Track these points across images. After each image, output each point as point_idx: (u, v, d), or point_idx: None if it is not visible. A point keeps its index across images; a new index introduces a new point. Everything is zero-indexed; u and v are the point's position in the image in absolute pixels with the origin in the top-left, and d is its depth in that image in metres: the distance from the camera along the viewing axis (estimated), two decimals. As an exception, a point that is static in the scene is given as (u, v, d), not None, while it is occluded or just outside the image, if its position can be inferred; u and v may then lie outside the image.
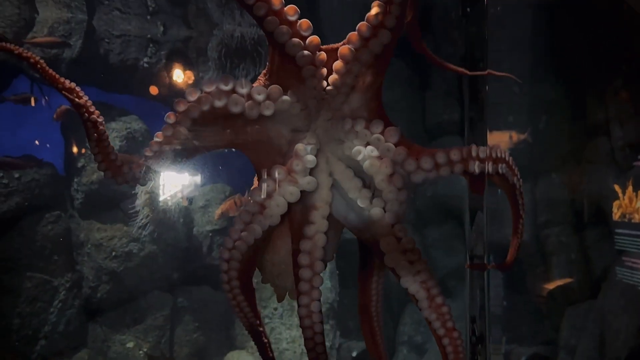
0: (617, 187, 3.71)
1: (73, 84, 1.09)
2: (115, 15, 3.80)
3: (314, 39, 1.02)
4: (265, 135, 1.10)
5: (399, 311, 4.43)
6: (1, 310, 3.53)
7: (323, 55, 1.05)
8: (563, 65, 3.93)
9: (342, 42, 1.06)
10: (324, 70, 1.07)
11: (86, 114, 1.09)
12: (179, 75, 4.00)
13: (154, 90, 3.96)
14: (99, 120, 1.09)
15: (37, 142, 3.76)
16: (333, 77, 1.06)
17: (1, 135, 3.66)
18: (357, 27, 1.01)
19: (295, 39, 1.00)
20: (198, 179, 3.98)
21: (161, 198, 3.75)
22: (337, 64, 1.04)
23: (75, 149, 3.81)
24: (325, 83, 1.08)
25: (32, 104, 3.61)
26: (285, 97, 1.06)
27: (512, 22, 3.53)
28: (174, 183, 3.88)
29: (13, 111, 3.58)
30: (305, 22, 1.01)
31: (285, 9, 0.99)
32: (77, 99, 1.07)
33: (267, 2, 0.97)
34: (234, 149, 1.14)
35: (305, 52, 1.01)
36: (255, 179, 1.17)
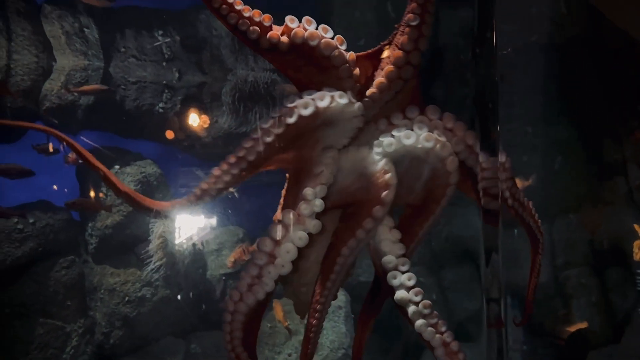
0: (637, 227, 3.66)
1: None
2: (132, 62, 3.89)
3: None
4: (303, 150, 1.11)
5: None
6: (13, 357, 3.50)
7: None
8: (577, 106, 3.94)
9: (370, 51, 1.13)
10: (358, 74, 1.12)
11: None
12: (194, 120, 4.05)
13: (169, 134, 4.01)
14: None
15: (55, 186, 3.79)
16: (372, 91, 1.10)
17: (18, 181, 3.70)
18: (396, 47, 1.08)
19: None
20: (210, 222, 3.98)
21: (174, 242, 3.76)
22: (380, 81, 1.08)
23: (90, 194, 3.84)
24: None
25: (51, 149, 3.67)
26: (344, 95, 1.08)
27: (524, 63, 3.56)
28: (186, 227, 3.89)
29: (29, 156, 3.63)
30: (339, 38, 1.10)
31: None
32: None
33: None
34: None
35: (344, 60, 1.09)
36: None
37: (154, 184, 3.90)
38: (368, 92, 1.12)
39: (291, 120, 1.07)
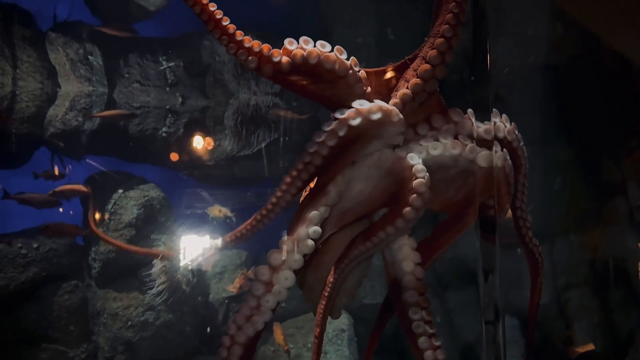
0: None
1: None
2: (135, 88, 3.93)
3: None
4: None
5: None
6: (16, 383, 3.49)
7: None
8: (575, 126, 3.96)
9: (395, 64, 1.17)
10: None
11: None
12: (197, 144, 4.08)
13: (172, 158, 4.04)
14: None
15: (60, 209, 3.80)
16: (394, 101, 1.12)
17: (22, 206, 3.72)
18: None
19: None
20: (214, 244, 3.99)
21: (177, 265, 3.76)
22: (404, 92, 1.11)
23: (94, 218, 3.86)
24: None
25: (57, 173, 3.70)
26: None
27: (522, 84, 3.59)
28: (189, 250, 3.90)
29: (34, 182, 3.66)
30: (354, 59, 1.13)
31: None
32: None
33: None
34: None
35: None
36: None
37: (157, 207, 3.91)
38: (391, 103, 1.14)
39: (342, 132, 1.09)
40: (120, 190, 3.86)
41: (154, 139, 3.98)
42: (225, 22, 1.08)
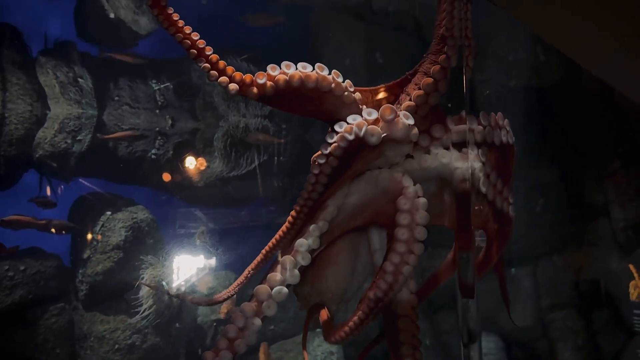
0: (632, 267, 3.67)
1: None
2: (125, 110, 3.95)
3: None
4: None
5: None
6: (1, 407, 3.43)
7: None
8: (558, 149, 4.01)
9: (397, 80, 1.20)
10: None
11: None
12: (186, 166, 4.09)
13: (161, 180, 4.05)
14: None
15: (53, 230, 3.79)
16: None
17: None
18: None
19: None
20: (201, 267, 3.98)
21: (165, 288, 3.74)
22: (408, 104, 1.14)
23: (81, 240, 3.84)
24: None
25: (47, 203, 3.72)
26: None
27: (504, 107, 3.66)
28: (177, 272, 3.89)
29: (21, 203, 3.65)
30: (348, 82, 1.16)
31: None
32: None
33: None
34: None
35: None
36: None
37: (145, 229, 3.90)
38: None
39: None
40: (109, 212, 3.85)
41: (143, 161, 3.99)
42: (209, 51, 1.12)
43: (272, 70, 1.12)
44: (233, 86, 1.10)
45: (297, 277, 1.13)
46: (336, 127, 1.11)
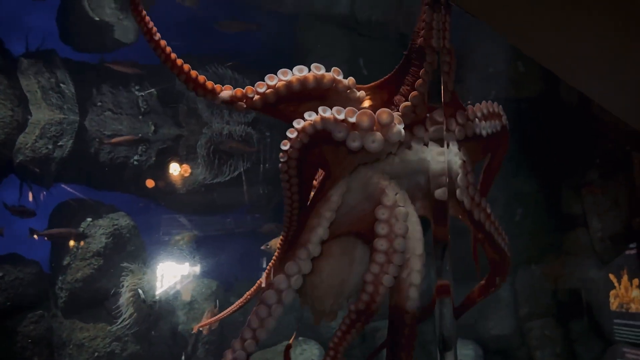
0: (612, 277, 3.70)
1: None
2: (107, 116, 3.93)
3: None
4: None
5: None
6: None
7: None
8: (537, 159, 4.06)
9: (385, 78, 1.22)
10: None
11: None
12: (169, 173, 4.08)
13: (144, 186, 4.03)
14: None
15: (35, 236, 3.75)
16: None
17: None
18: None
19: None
20: (183, 275, 3.96)
21: (146, 296, 3.72)
22: (405, 104, 1.15)
23: (61, 247, 3.81)
24: None
25: (25, 211, 3.69)
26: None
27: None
28: (158, 280, 3.86)
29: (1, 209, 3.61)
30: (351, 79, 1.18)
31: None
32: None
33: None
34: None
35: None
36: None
37: (126, 236, 3.88)
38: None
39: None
40: (89, 219, 3.82)
41: (125, 167, 3.97)
42: (195, 75, 1.14)
43: (270, 79, 1.13)
44: (240, 105, 1.11)
45: (310, 267, 1.12)
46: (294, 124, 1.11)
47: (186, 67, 1.12)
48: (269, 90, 1.12)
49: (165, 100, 4.08)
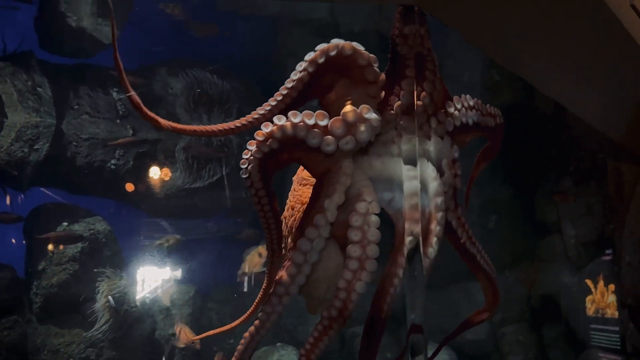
0: (589, 282, 3.74)
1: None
2: (85, 119, 3.90)
3: None
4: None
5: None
6: None
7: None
8: (511, 166, 4.11)
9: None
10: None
11: None
12: (147, 177, 4.06)
13: (122, 190, 4.00)
14: None
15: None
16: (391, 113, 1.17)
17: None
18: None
19: None
20: (160, 280, 3.94)
21: (122, 301, 3.69)
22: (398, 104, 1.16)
23: (36, 251, 3.76)
24: None
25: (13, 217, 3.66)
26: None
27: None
28: (135, 285, 3.84)
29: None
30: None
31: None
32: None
33: None
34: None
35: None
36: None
37: (102, 241, 3.85)
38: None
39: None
40: (65, 223, 3.79)
41: (102, 171, 3.94)
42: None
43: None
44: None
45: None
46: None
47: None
48: (301, 75, 1.11)
49: (144, 103, 4.05)
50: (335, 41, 1.14)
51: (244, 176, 1.12)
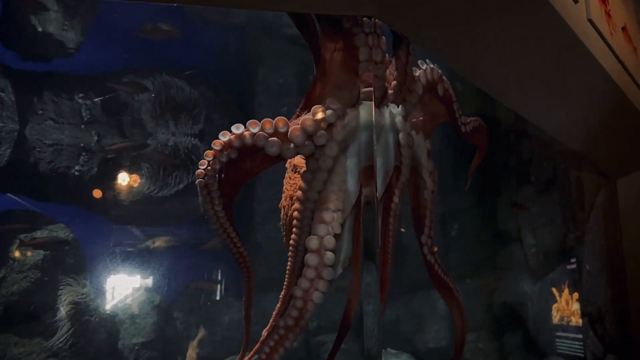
0: (554, 291, 3.78)
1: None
2: (49, 125, 3.85)
3: None
4: None
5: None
6: None
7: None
8: (473, 176, 4.17)
9: None
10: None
11: None
12: (111, 183, 4.02)
13: (85, 197, 3.95)
14: None
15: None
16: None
17: None
18: None
19: None
20: (125, 288, 3.89)
21: (85, 310, 3.64)
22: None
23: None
24: None
25: None
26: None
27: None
28: (98, 293, 3.78)
29: None
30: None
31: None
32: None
33: None
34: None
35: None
36: None
37: (65, 248, 3.79)
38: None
39: None
40: (25, 234, 3.72)
41: (66, 178, 3.88)
42: None
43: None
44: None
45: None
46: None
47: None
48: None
49: (109, 109, 4.02)
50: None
51: (198, 186, 1.13)
